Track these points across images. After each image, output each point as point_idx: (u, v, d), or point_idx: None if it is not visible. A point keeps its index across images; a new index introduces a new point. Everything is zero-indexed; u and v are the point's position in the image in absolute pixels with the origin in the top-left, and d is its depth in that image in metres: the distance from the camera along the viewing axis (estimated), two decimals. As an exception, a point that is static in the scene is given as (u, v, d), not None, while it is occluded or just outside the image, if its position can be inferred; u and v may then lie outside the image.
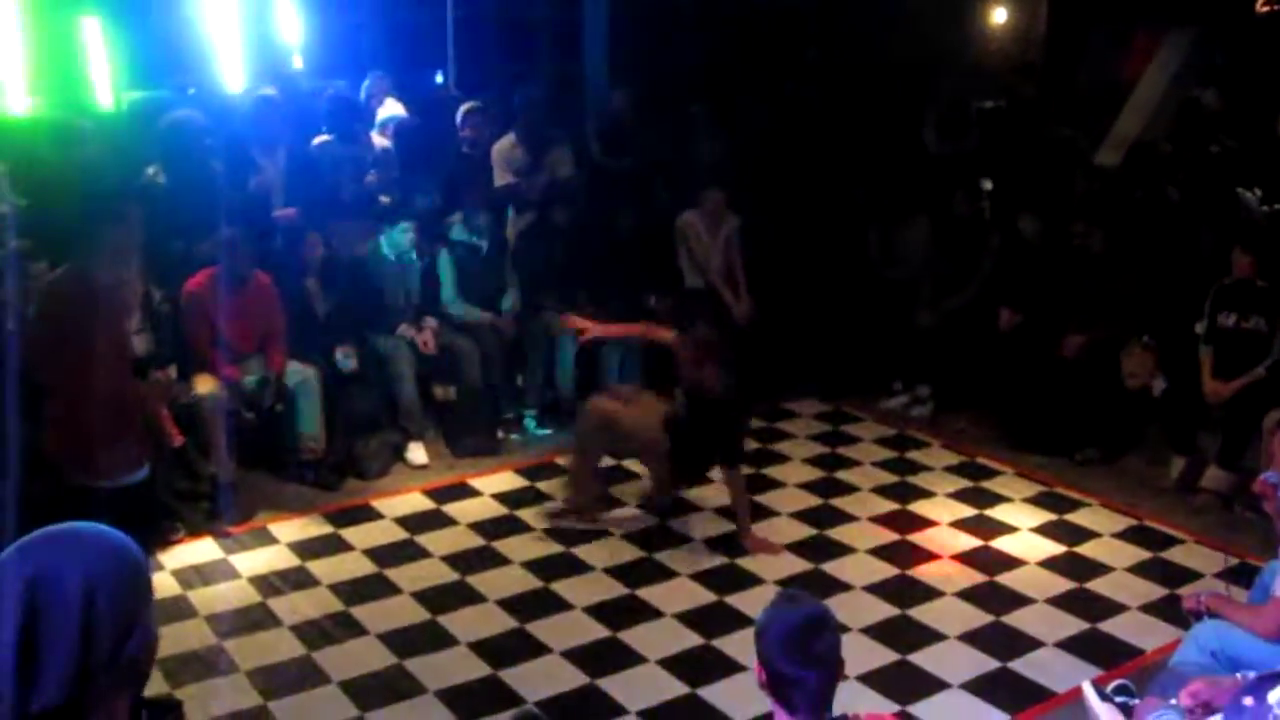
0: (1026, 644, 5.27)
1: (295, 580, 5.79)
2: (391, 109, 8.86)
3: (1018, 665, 5.09)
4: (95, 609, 1.59)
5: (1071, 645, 5.26)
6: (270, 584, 5.74)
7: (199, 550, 6.08)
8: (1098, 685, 3.88)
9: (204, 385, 6.39)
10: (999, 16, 11.51)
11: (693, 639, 5.29)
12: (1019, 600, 5.66)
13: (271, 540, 6.21)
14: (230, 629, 5.30)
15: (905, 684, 4.95)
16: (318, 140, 8.04)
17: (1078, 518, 6.60)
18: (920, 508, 6.70)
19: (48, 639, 1.56)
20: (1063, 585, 5.82)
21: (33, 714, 1.56)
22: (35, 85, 8.28)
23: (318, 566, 5.93)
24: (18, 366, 4.95)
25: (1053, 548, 6.24)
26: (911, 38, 10.92)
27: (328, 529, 6.36)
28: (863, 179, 8.96)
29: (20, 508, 4.24)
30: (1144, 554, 6.17)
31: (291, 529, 6.33)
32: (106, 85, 8.57)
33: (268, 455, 6.89)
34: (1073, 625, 5.44)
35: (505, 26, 11.02)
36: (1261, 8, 8.46)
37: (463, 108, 8.68)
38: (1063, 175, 8.70)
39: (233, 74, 9.04)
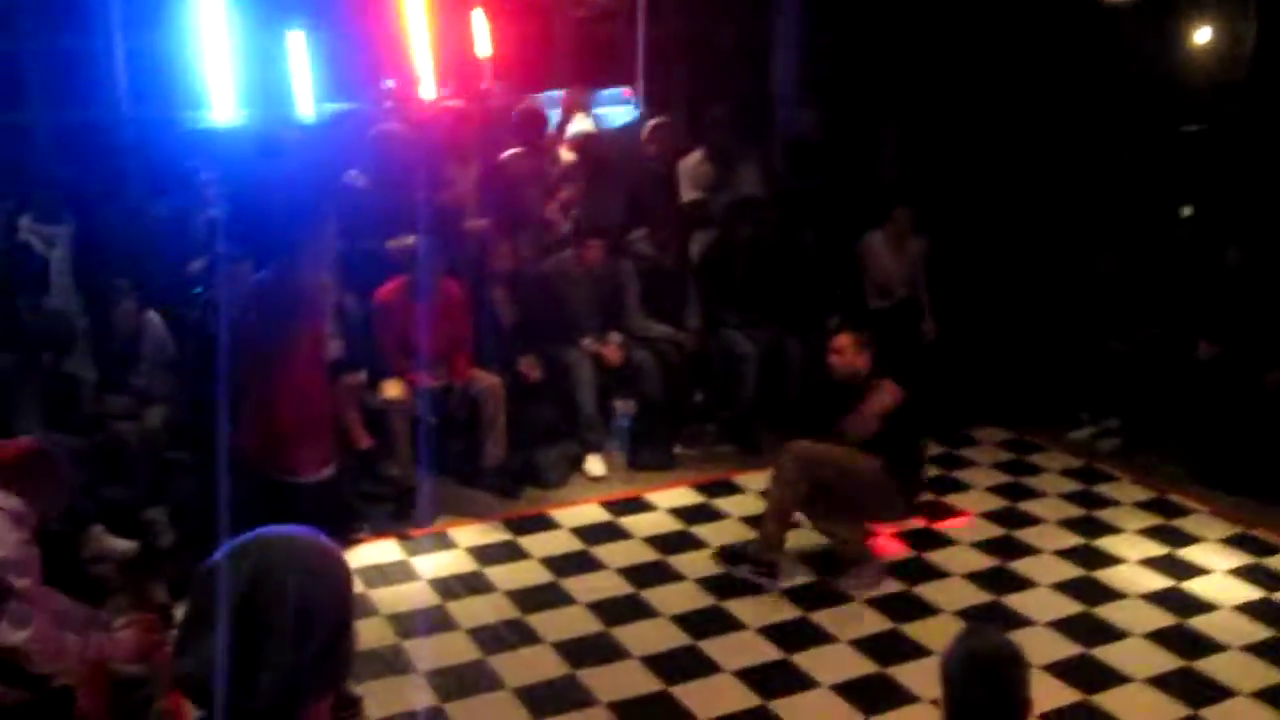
0: (1218, 693, 5.04)
1: (473, 585, 5.89)
2: (581, 124, 8.96)
3: (1208, 713, 4.88)
4: (308, 611, 1.63)
5: (1268, 696, 5.02)
6: (449, 587, 5.85)
7: (381, 551, 6.23)
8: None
9: (391, 390, 6.56)
10: (1203, 36, 11.08)
11: (867, 665, 5.20)
12: (1211, 646, 5.42)
13: (451, 545, 6.34)
14: (409, 629, 5.43)
15: (1088, 726, 4.80)
16: (507, 154, 8.17)
17: (1278, 562, 6.30)
18: (1107, 543, 6.47)
19: (264, 641, 1.60)
20: (1260, 633, 5.55)
21: (248, 715, 1.60)
22: (243, 97, 8.63)
23: (495, 572, 6.03)
24: (226, 367, 5.15)
25: (1250, 592, 5.96)
26: (1114, 59, 10.59)
27: (506, 536, 6.45)
28: (1062, 205, 8.71)
29: (216, 502, 4.42)
30: (1346, 605, 5.86)
31: (471, 534, 6.45)
32: (309, 97, 8.88)
33: (451, 461, 7.04)
34: (1270, 675, 5.18)
35: (695, 44, 11.04)
36: None
37: (650, 122, 8.75)
38: (1269, 202, 8.32)
39: (427, 86, 9.26)
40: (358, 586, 5.78)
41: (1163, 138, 9.38)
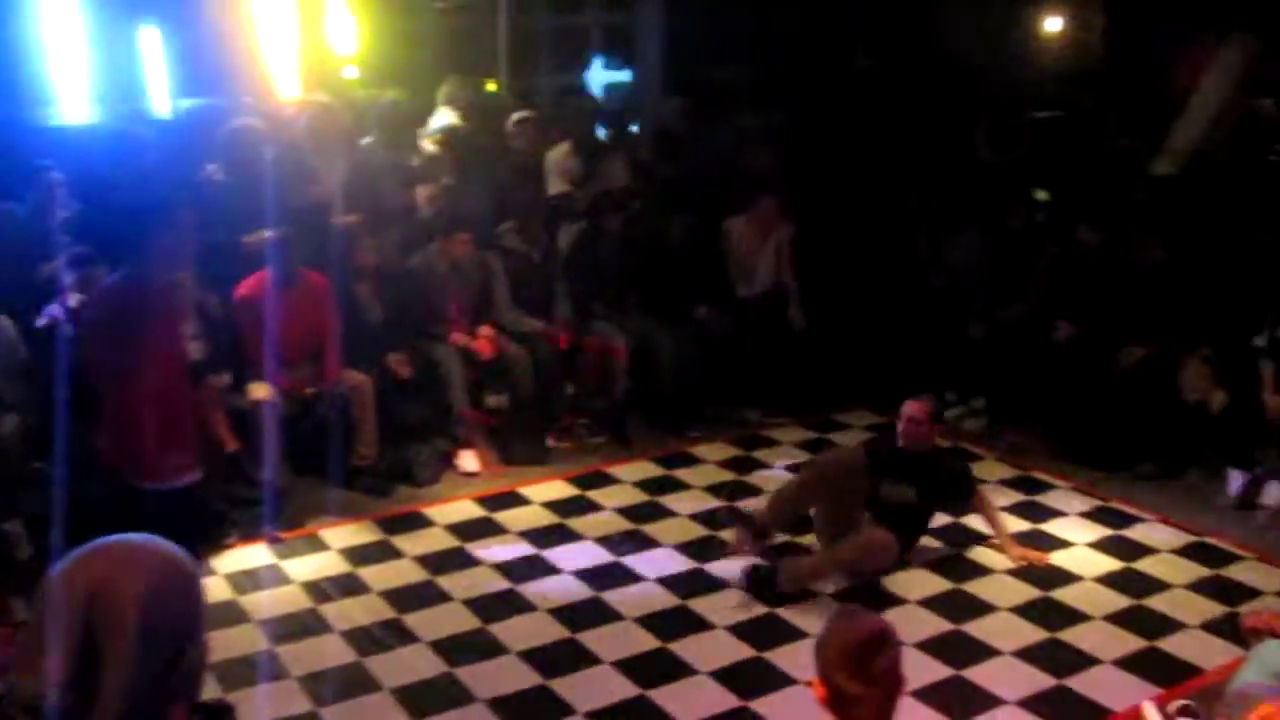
0: (1083, 661, 5.19)
1: (346, 586, 5.81)
2: (445, 117, 8.86)
3: (1074, 683, 5.02)
4: (152, 622, 1.58)
5: (1129, 663, 5.18)
6: (321, 590, 5.76)
7: (251, 555, 6.11)
8: (1158, 704, 3.82)
9: (257, 391, 6.43)
10: (1054, 25, 11.39)
11: (745, 650, 5.24)
12: (1076, 616, 5.58)
13: (323, 546, 6.24)
14: (282, 634, 5.32)
15: (960, 700, 4.89)
16: (365, 145, 8.06)
17: (1135, 533, 6.51)
18: (974, 521, 6.61)
19: (105, 653, 1.55)
20: (1120, 602, 5.73)
21: None
22: (94, 93, 8.38)
23: (369, 573, 5.95)
24: (71, 370, 4.99)
25: (1110, 564, 6.15)
26: (966, 46, 10.82)
27: (379, 535, 6.37)
28: (914, 187, 8.90)
29: (75, 511, 4.28)
30: (1203, 571, 6.07)
31: (343, 535, 6.36)
32: (164, 93, 8.66)
33: (320, 461, 6.92)
34: (1131, 643, 5.35)
35: (558, 35, 11.03)
36: None
37: (513, 117, 8.69)
38: (1121, 186, 8.59)
39: (288, 83, 9.09)
40: (228, 593, 5.67)
41: (1017, 124, 9.61)
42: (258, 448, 6.45)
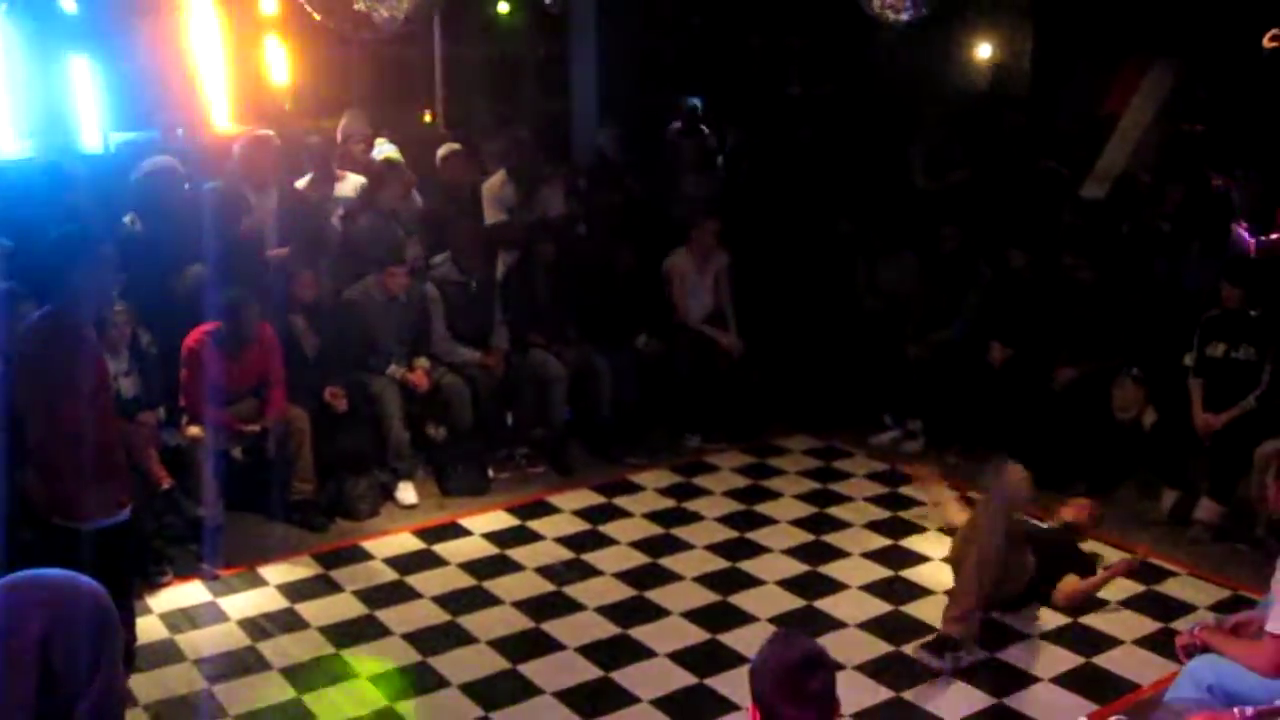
0: (1022, 680, 5.23)
1: (284, 623, 5.74)
2: (383, 149, 8.81)
3: (1012, 702, 5.05)
4: (54, 658, 1.56)
5: (1066, 680, 5.23)
6: (259, 627, 5.69)
7: (187, 593, 6.03)
8: (1094, 721, 3.86)
9: (193, 428, 6.37)
10: (984, 51, 11.58)
11: (686, 678, 5.24)
12: (1013, 635, 5.63)
13: (261, 582, 6.17)
14: (218, 673, 5.25)
15: (900, 722, 4.92)
16: (301, 182, 8.02)
17: (1071, 552, 6.57)
18: (913, 543, 6.67)
19: (5, 688, 1.53)
20: (1056, 620, 5.78)
21: None
22: (25, 127, 8.30)
23: (307, 609, 5.89)
24: (6, 410, 4.92)
25: (1046, 582, 6.21)
26: (898, 73, 10.99)
27: (317, 570, 6.31)
28: (849, 213, 8.99)
29: (3, 550, 4.21)
30: (1137, 587, 6.13)
31: (280, 571, 6.29)
32: (95, 126, 8.58)
33: (256, 497, 6.86)
34: (1068, 660, 5.40)
35: (493, 65, 11.05)
36: (1269, 43, 8.48)
37: (440, 151, 8.64)
38: (1049, 208, 8.72)
39: (221, 114, 9.05)
40: (164, 632, 5.61)
41: (950, 148, 9.75)
42: (194, 484, 6.39)
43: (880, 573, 6.31)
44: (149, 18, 8.75)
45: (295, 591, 6.07)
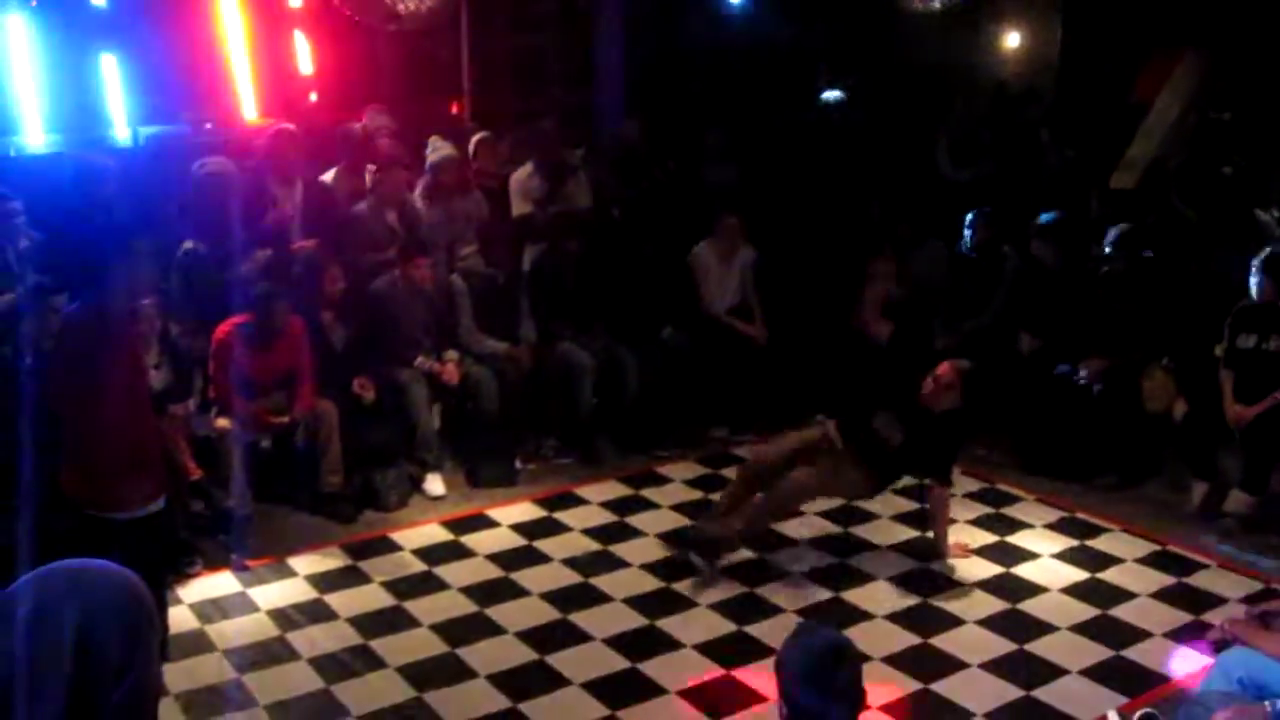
0: (1050, 672, 5.21)
1: (313, 613, 5.78)
2: (439, 149, 8.68)
3: (1041, 694, 5.04)
4: (90, 649, 1.57)
5: (1096, 673, 5.21)
6: (288, 617, 5.73)
7: (217, 584, 6.07)
8: (1123, 714, 3.85)
9: (222, 420, 6.41)
10: (1013, 41, 11.52)
11: (713, 669, 5.25)
12: (1042, 628, 5.61)
13: (290, 573, 6.21)
14: (248, 663, 5.29)
15: (928, 714, 4.91)
16: (327, 175, 8.05)
17: (1100, 544, 6.55)
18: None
19: (39, 678, 1.55)
20: (1086, 612, 5.77)
21: None
22: (54, 121, 8.35)
23: (336, 599, 5.92)
24: (36, 400, 4.96)
25: (1075, 574, 6.19)
26: (926, 63, 10.94)
27: (346, 561, 6.35)
28: (878, 202, 8.96)
29: (39, 541, 4.25)
30: (1168, 580, 6.11)
31: (309, 562, 6.33)
32: (124, 120, 8.63)
33: (286, 488, 6.89)
34: (1097, 653, 5.38)
35: (519, 58, 11.05)
36: None
37: (474, 139, 8.68)
38: (1076, 199, 8.68)
39: (248, 107, 9.09)
40: (194, 622, 5.64)
41: (972, 137, 9.71)
42: (224, 476, 6.43)
43: (908, 565, 6.29)
44: (176, 12, 8.80)
45: (324, 582, 6.11)
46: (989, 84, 10.99)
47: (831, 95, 10.68)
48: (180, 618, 5.63)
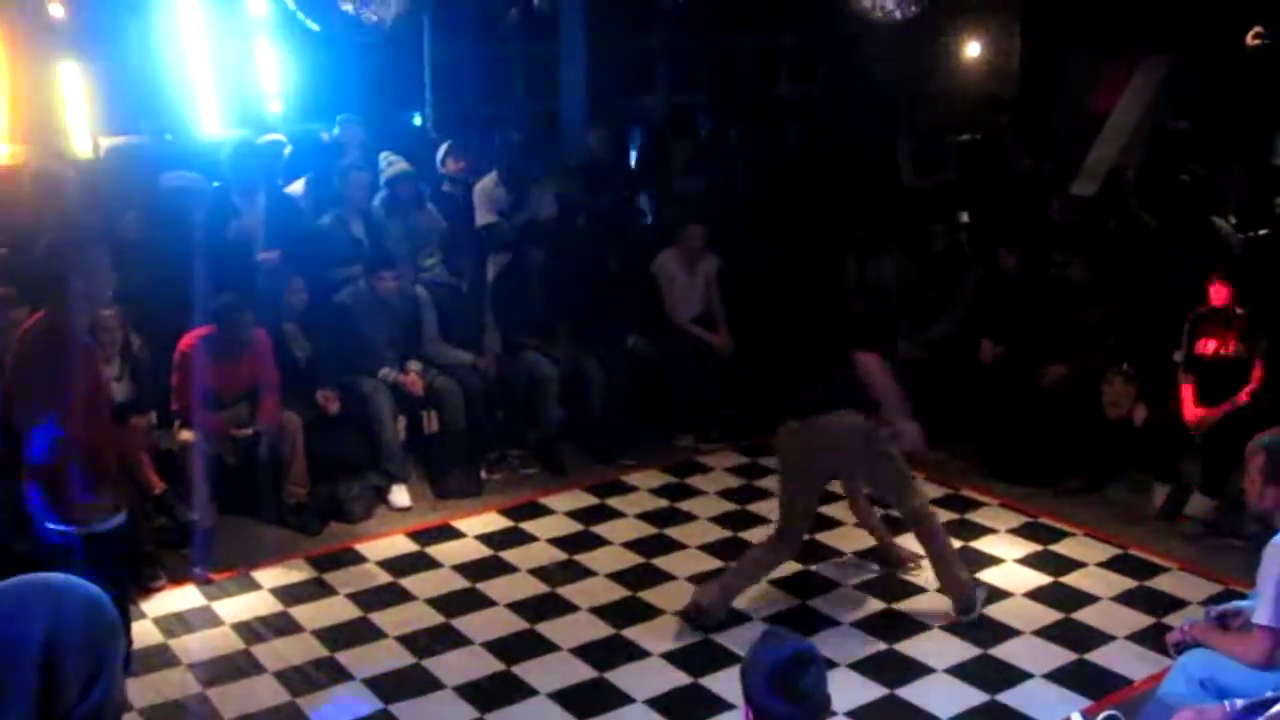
0: (1014, 676, 5.25)
1: (278, 626, 5.75)
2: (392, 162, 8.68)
3: (1005, 698, 5.07)
4: (55, 663, 1.57)
5: (1059, 676, 5.25)
6: (253, 630, 5.70)
7: (181, 597, 6.03)
8: (1087, 716, 3.88)
9: (185, 432, 6.37)
10: (973, 50, 11.60)
11: (680, 677, 5.26)
12: (1006, 632, 5.65)
13: (254, 586, 6.17)
14: (213, 676, 5.26)
15: (893, 719, 4.93)
16: (293, 186, 8.02)
17: (1063, 548, 6.60)
18: (905, 541, 6.64)
19: (4, 691, 1.54)
20: (1049, 616, 5.81)
21: None
22: (14, 131, 8.28)
23: (301, 612, 5.89)
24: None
25: (1038, 578, 6.23)
26: (887, 73, 11.01)
27: (311, 574, 6.32)
28: (839, 212, 9.00)
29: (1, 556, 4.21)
30: (1130, 583, 6.16)
31: (274, 575, 6.29)
32: (85, 130, 8.57)
33: (250, 501, 6.85)
34: (1060, 656, 5.42)
35: (482, 68, 11.03)
36: (1252, 41, 8.49)
37: (442, 148, 8.67)
38: (1037, 206, 8.74)
39: (210, 119, 9.04)
40: (158, 636, 5.60)
41: (937, 148, 9.77)
42: (187, 489, 6.39)
43: (873, 571, 6.32)
44: (138, 21, 8.73)
45: (289, 595, 6.08)
46: (950, 92, 11.07)
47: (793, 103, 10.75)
48: (144, 632, 5.59)
